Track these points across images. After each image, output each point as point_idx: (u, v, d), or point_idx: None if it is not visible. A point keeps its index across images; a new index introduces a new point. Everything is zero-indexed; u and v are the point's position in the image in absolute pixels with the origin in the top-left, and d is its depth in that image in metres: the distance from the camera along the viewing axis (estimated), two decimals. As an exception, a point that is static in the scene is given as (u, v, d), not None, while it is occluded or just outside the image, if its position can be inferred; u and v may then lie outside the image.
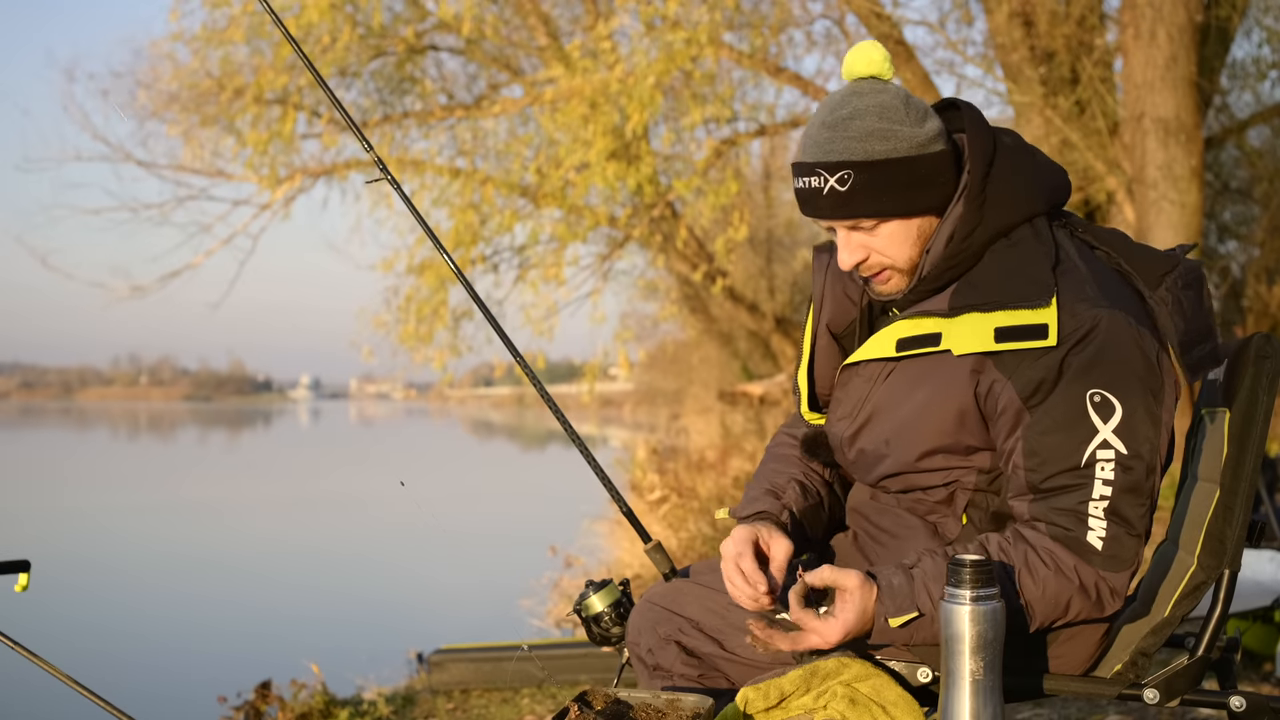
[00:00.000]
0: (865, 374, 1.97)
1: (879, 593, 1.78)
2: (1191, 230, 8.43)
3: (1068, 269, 1.83)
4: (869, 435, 1.96)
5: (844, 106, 1.84)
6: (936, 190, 1.86)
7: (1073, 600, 1.79)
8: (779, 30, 12.51)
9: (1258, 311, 11.67)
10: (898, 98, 1.84)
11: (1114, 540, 1.76)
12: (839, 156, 1.82)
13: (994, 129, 1.92)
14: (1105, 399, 1.75)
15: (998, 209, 1.86)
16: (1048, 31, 9.81)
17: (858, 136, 1.82)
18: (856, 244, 1.89)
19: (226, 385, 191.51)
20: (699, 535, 9.41)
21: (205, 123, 14.39)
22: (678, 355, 27.72)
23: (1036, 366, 1.77)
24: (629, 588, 2.32)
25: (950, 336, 1.84)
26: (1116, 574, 1.77)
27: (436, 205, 13.79)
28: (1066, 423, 1.77)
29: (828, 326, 2.08)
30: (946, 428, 1.87)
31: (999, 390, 1.80)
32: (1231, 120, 12.06)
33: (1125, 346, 1.77)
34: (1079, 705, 3.99)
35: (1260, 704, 1.87)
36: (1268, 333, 1.94)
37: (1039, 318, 1.77)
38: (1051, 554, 1.78)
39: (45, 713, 5.78)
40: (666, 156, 13.67)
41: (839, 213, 1.86)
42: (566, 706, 1.77)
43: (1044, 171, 1.93)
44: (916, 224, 1.88)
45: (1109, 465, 1.76)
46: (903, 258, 1.89)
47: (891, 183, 1.82)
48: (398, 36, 13.77)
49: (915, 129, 1.83)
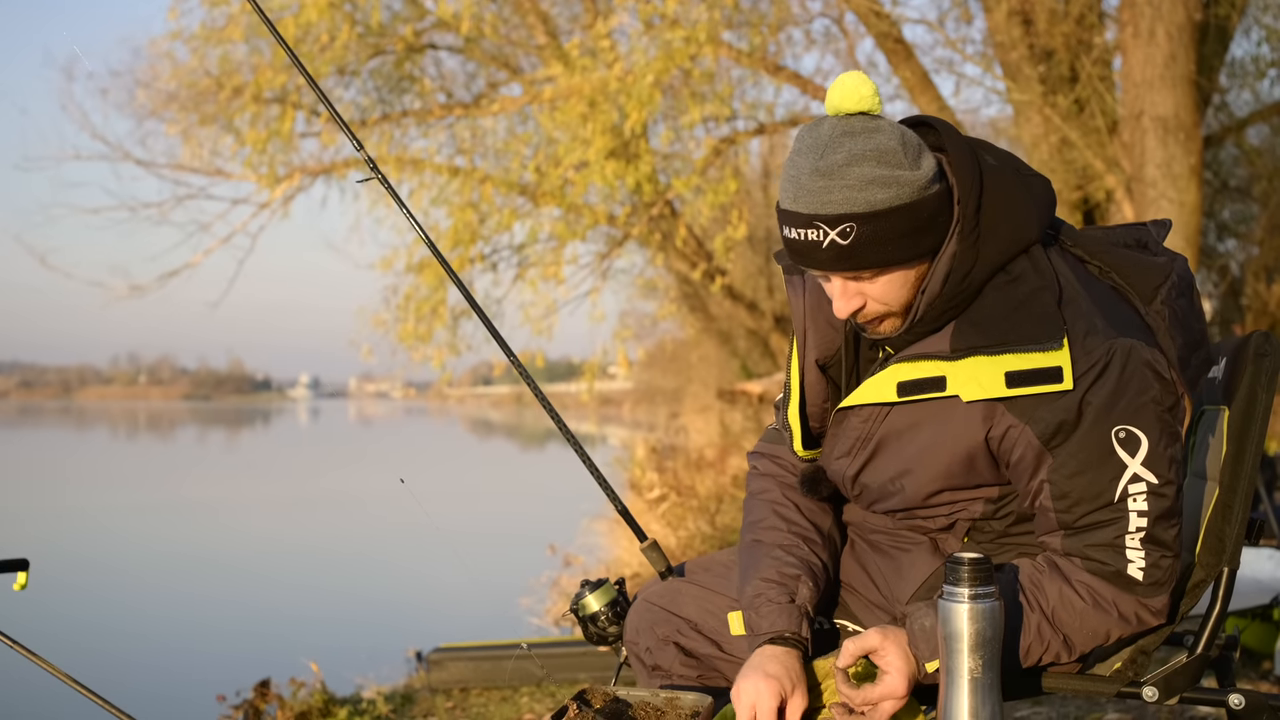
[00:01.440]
0: (863, 414, 1.90)
1: (912, 638, 1.72)
2: (1190, 229, 8.43)
3: (1071, 299, 1.77)
4: (873, 473, 1.91)
5: (837, 150, 1.71)
6: (937, 231, 1.77)
7: (1112, 629, 1.77)
8: (778, 29, 12.51)
9: (1256, 310, 11.67)
10: (893, 138, 1.72)
11: (1154, 567, 1.74)
12: (839, 209, 1.70)
13: (974, 146, 1.83)
14: (1130, 434, 1.72)
15: (993, 243, 1.78)
16: (1047, 30, 9.80)
17: (858, 185, 1.69)
18: (854, 292, 1.79)
19: (225, 384, 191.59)
20: (698, 534, 9.42)
21: (204, 122, 14.38)
22: (677, 354, 27.75)
23: (1055, 409, 1.72)
24: (625, 586, 2.32)
25: (956, 381, 1.77)
26: (1156, 598, 1.76)
27: (435, 204, 13.79)
28: (1095, 462, 1.73)
29: (816, 361, 2.00)
30: (955, 470, 1.83)
31: (1015, 435, 1.76)
32: (1230, 118, 12.06)
33: (1140, 374, 1.73)
34: (1078, 703, 3.99)
35: (1259, 702, 1.86)
36: (1267, 330, 1.94)
37: (1051, 360, 1.71)
38: (1089, 588, 1.75)
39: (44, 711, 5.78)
40: (665, 155, 13.66)
41: (841, 265, 1.74)
42: (565, 705, 1.77)
43: (1033, 190, 1.85)
44: (916, 268, 1.78)
45: (1141, 496, 1.72)
46: (899, 302, 1.80)
47: (895, 231, 1.72)
48: (396, 35, 13.76)
49: (914, 172, 1.72)
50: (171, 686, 7.26)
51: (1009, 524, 1.90)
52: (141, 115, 15.54)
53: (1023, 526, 1.89)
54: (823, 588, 1.96)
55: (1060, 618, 1.75)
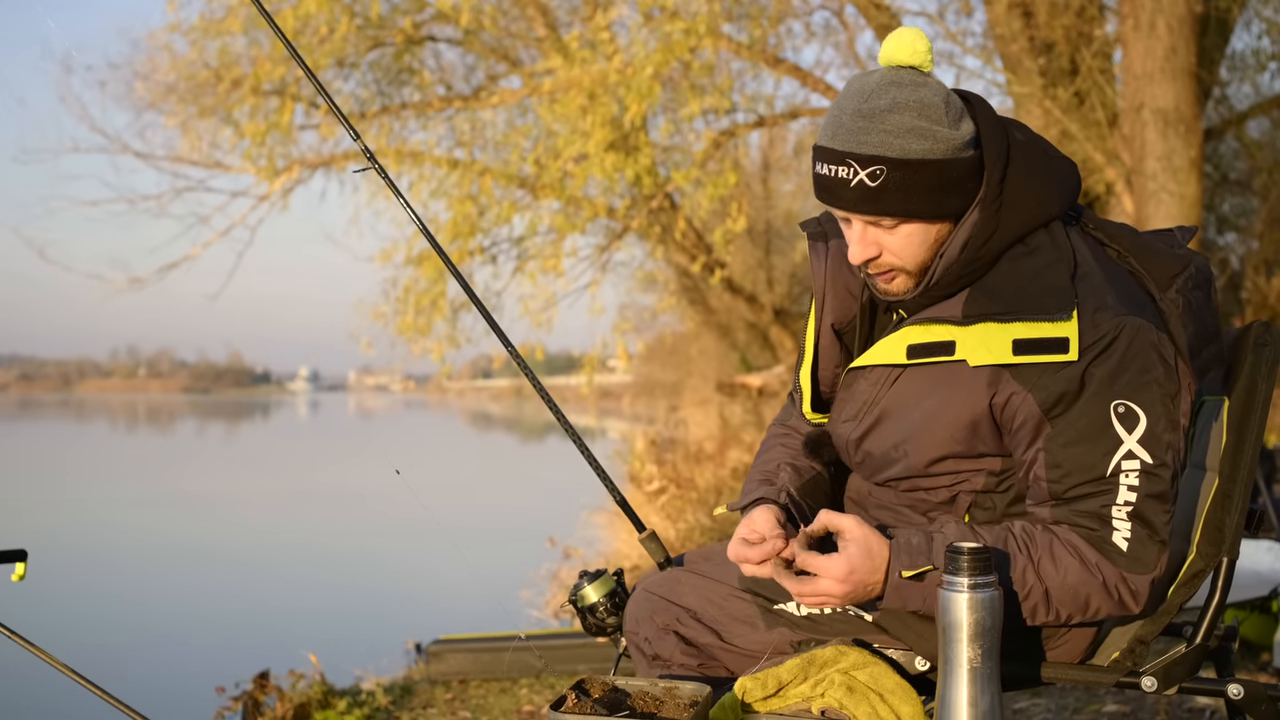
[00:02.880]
0: (871, 377, 1.93)
1: (894, 547, 1.75)
2: (1190, 222, 8.40)
3: (1086, 276, 1.79)
4: (876, 439, 1.92)
5: (882, 96, 1.75)
6: (964, 195, 1.80)
7: (1092, 596, 1.76)
8: (778, 21, 12.49)
9: (1256, 303, 11.67)
10: (939, 95, 1.77)
11: (1138, 542, 1.74)
12: (873, 150, 1.74)
13: (1005, 123, 1.87)
14: (1130, 409, 1.73)
15: (1014, 215, 1.81)
16: (1047, 22, 9.79)
17: (895, 132, 1.74)
18: (871, 240, 1.83)
19: (225, 377, 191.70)
20: (697, 526, 9.42)
21: (203, 114, 14.34)
22: (676, 347, 27.73)
23: (1058, 379, 1.74)
24: (623, 577, 2.32)
25: (965, 346, 1.80)
26: (1139, 576, 1.75)
27: (435, 197, 13.77)
28: (1091, 434, 1.74)
29: (831, 325, 2.03)
30: (959, 436, 1.84)
31: (1018, 402, 1.77)
32: (1231, 112, 12.05)
33: (1146, 354, 1.74)
34: (1077, 693, 4.00)
35: (1258, 692, 1.87)
36: (1267, 320, 1.94)
37: (1059, 330, 1.73)
38: (1075, 547, 1.75)
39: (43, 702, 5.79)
40: (665, 148, 13.64)
41: (864, 207, 1.78)
42: (564, 694, 1.77)
43: (1058, 170, 1.88)
44: (936, 228, 1.82)
45: (1134, 473, 1.73)
46: (914, 261, 1.83)
47: (923, 184, 1.76)
48: (395, 27, 13.73)
49: (953, 131, 1.76)
50: (170, 678, 7.26)
51: (1010, 501, 1.90)
52: (140, 107, 15.50)
53: (1023, 505, 1.89)
54: (808, 479, 2.05)
55: (1045, 569, 1.75)
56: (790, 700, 1.82)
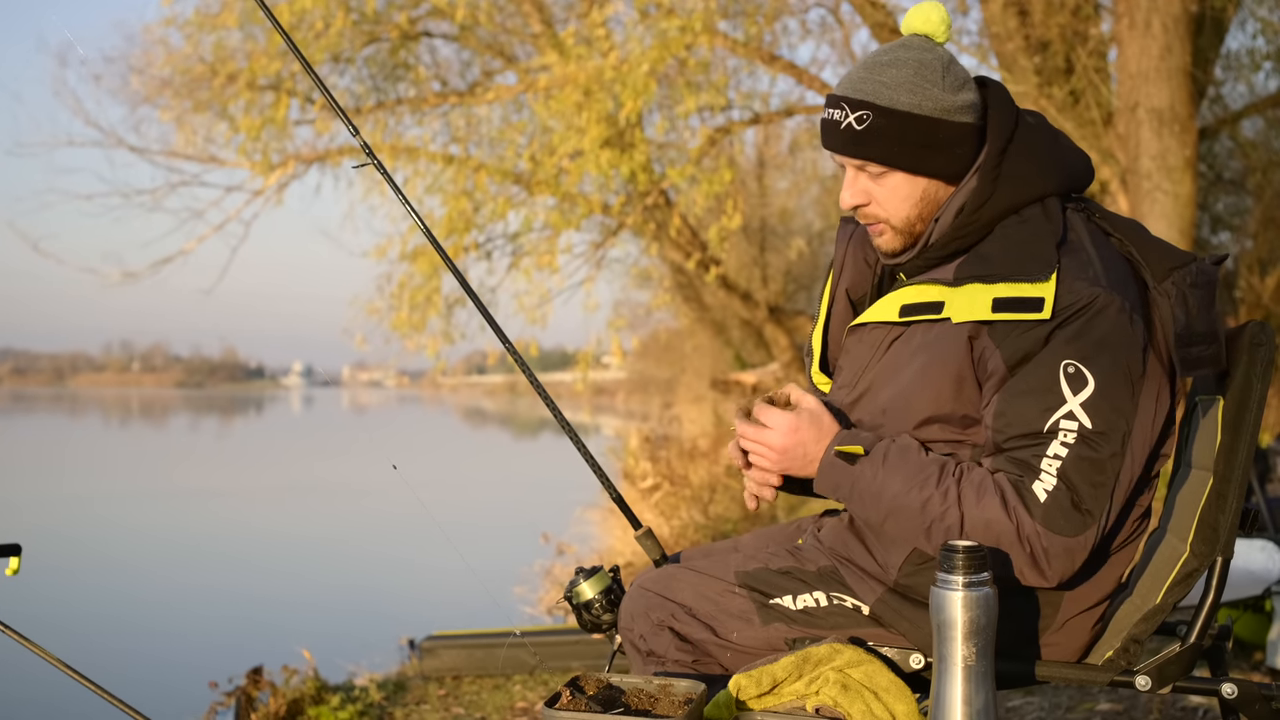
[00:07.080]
0: (869, 341, 2.00)
1: (841, 429, 1.89)
2: (1184, 221, 8.43)
3: (1073, 248, 1.85)
4: (865, 407, 1.97)
5: (888, 54, 1.91)
6: (950, 158, 1.90)
7: (1003, 538, 1.77)
8: (773, 18, 12.49)
9: (1250, 303, 11.68)
10: (941, 60, 1.90)
11: (1057, 501, 1.75)
12: (863, 96, 1.89)
13: (1019, 109, 1.96)
14: (1079, 371, 1.76)
15: (1011, 185, 1.89)
16: (1042, 21, 9.79)
17: (889, 84, 1.87)
18: (860, 187, 1.95)
19: (219, 372, 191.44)
20: (691, 523, 9.43)
21: (198, 108, 14.30)
22: (671, 344, 27.75)
23: (1025, 338, 1.78)
24: (619, 574, 2.32)
25: (952, 305, 1.86)
26: (1053, 536, 1.75)
27: (430, 192, 13.74)
28: (1037, 389, 1.77)
29: (846, 291, 2.14)
30: (944, 395, 1.87)
31: (989, 357, 1.82)
32: (1225, 111, 12.05)
33: (1114, 328, 1.77)
34: (1070, 692, 4.00)
35: (1252, 691, 1.87)
36: (1262, 320, 1.94)
37: (1036, 291, 1.78)
38: (1000, 488, 1.78)
39: (36, 696, 5.78)
40: (660, 144, 13.64)
41: (848, 149, 1.92)
42: (559, 691, 1.77)
43: (1064, 153, 1.95)
44: (922, 185, 1.92)
45: (1071, 434, 1.75)
46: (899, 216, 1.94)
47: (906, 136, 1.87)
48: (391, 23, 13.71)
49: (946, 94, 1.88)
50: (164, 673, 7.25)
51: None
52: (135, 101, 15.46)
53: None
54: None
55: (967, 496, 1.78)
56: (785, 698, 1.82)
